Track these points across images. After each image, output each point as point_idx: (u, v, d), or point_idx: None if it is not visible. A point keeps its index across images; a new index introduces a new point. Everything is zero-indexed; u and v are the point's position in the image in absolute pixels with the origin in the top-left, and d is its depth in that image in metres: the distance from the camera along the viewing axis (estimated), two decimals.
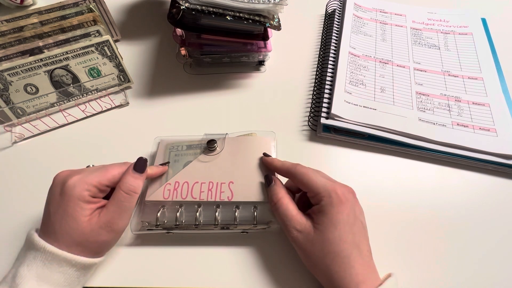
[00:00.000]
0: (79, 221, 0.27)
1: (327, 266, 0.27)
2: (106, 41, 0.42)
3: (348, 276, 0.26)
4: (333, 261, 0.26)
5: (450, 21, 0.56)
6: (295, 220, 0.29)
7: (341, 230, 0.27)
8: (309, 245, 0.28)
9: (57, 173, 0.29)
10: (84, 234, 0.27)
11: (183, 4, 0.37)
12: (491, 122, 0.41)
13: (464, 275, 0.32)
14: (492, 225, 0.35)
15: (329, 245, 0.27)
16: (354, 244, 0.27)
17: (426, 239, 0.34)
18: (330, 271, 0.26)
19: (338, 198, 0.28)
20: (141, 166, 0.31)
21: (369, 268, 0.27)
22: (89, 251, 0.28)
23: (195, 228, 0.32)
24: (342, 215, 0.27)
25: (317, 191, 0.28)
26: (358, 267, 0.26)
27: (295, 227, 0.29)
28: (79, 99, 0.44)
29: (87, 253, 0.28)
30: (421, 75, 0.47)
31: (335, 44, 0.50)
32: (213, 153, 0.36)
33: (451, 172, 0.39)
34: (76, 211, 0.27)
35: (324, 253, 0.27)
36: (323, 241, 0.27)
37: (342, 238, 0.27)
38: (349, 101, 0.43)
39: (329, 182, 0.29)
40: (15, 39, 0.41)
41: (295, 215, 0.29)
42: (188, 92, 0.46)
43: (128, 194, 0.29)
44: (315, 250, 0.27)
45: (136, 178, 0.30)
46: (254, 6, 0.39)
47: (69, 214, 0.27)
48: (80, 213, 0.27)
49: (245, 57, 0.48)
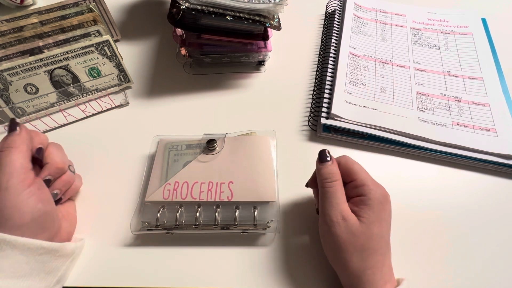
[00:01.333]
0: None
1: (363, 261, 0.26)
2: (106, 41, 0.42)
3: (379, 273, 0.26)
4: (370, 256, 0.27)
5: (450, 21, 0.56)
6: (344, 206, 0.28)
7: (383, 228, 0.28)
8: (350, 236, 0.27)
9: None
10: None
11: (183, 4, 0.37)
12: (491, 122, 0.41)
13: (464, 275, 0.32)
14: (492, 226, 0.35)
15: (371, 240, 0.27)
16: (388, 243, 0.28)
17: (426, 239, 0.34)
18: (364, 266, 0.26)
19: (384, 196, 0.28)
20: (12, 125, 0.30)
21: (391, 268, 0.28)
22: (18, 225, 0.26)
23: (195, 228, 0.32)
24: (385, 213, 0.28)
25: (365, 182, 0.28)
26: (387, 265, 0.28)
27: (342, 213, 0.27)
28: (79, 99, 0.44)
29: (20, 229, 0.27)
30: (421, 75, 0.47)
31: (335, 44, 0.50)
32: (213, 153, 0.36)
33: (451, 172, 0.39)
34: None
35: (365, 247, 0.27)
36: (367, 235, 0.27)
37: (383, 236, 0.28)
38: (349, 101, 0.43)
39: (373, 179, 0.29)
40: (15, 39, 0.41)
41: (344, 201, 0.28)
42: (188, 92, 0.46)
43: (2, 150, 0.28)
44: (355, 243, 0.27)
45: (9, 135, 0.29)
46: (254, 6, 0.39)
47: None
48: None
49: (245, 57, 0.48)
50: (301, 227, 0.34)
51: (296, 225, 0.34)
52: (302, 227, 0.34)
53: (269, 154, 0.36)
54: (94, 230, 0.34)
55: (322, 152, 0.31)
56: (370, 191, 0.28)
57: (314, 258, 0.32)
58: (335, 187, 0.29)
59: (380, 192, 0.28)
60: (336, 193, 0.28)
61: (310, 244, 0.33)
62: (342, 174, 0.30)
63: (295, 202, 0.36)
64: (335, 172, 0.29)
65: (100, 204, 0.36)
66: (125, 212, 0.35)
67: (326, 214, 0.28)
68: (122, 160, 0.39)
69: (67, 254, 0.30)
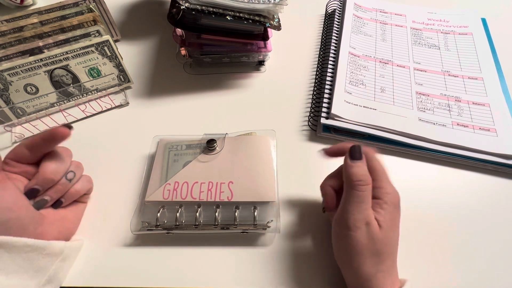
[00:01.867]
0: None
1: (376, 265, 0.26)
2: (106, 41, 0.42)
3: (389, 276, 0.26)
4: (384, 261, 0.26)
5: (450, 21, 0.56)
6: (370, 212, 0.27)
7: (396, 233, 0.28)
8: (369, 241, 0.26)
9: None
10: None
11: (183, 4, 0.37)
12: (491, 122, 0.41)
13: (465, 275, 0.32)
14: (492, 225, 0.35)
15: (388, 245, 0.27)
16: (396, 248, 0.28)
17: (426, 239, 0.34)
18: (376, 270, 0.26)
19: (398, 200, 0.28)
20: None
21: (397, 271, 0.28)
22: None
23: (195, 228, 0.32)
24: (399, 217, 0.28)
25: (384, 185, 0.28)
26: (396, 268, 0.28)
27: (366, 218, 0.26)
28: (79, 99, 0.44)
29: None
30: (421, 75, 0.47)
31: (335, 44, 0.50)
32: (213, 152, 0.36)
33: (451, 172, 0.39)
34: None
35: (380, 253, 0.26)
36: (385, 241, 0.26)
37: (396, 241, 0.28)
38: (349, 101, 0.43)
39: (390, 182, 0.29)
40: (15, 39, 0.41)
41: (370, 206, 0.27)
42: (188, 92, 0.46)
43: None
44: (372, 248, 0.26)
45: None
46: (254, 6, 0.39)
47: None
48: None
49: (245, 57, 0.48)
50: (301, 227, 0.34)
51: (296, 225, 0.34)
52: (302, 227, 0.34)
53: (269, 154, 0.36)
54: (94, 230, 0.34)
55: (355, 149, 0.28)
56: (387, 195, 0.27)
57: (315, 258, 0.32)
58: (367, 191, 0.27)
59: (395, 196, 0.28)
60: (366, 198, 0.27)
61: (310, 244, 0.33)
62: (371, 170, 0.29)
63: (295, 202, 0.36)
64: (367, 174, 0.28)
65: (100, 204, 0.36)
66: (125, 212, 0.35)
67: (350, 218, 0.26)
68: (122, 160, 0.39)
69: (54, 253, 0.29)
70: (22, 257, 0.27)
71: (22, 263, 0.27)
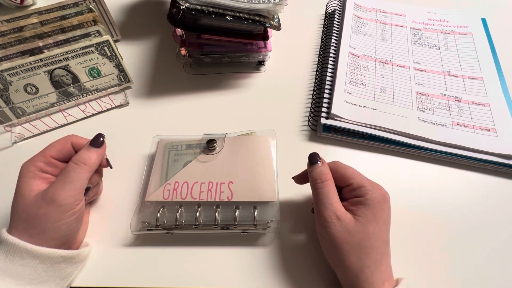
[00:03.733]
0: (25, 195, 0.27)
1: (360, 259, 0.27)
2: (106, 41, 0.42)
3: (378, 272, 0.27)
4: (368, 255, 0.27)
5: (450, 21, 0.56)
6: (337, 206, 0.28)
7: (381, 227, 0.28)
8: (346, 235, 0.27)
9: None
10: (27, 207, 0.27)
11: (183, 4, 0.37)
12: (491, 122, 0.41)
13: (464, 275, 0.32)
14: (492, 225, 0.35)
15: (368, 239, 0.27)
16: (386, 243, 0.28)
17: (426, 238, 0.34)
18: (362, 265, 0.26)
19: (382, 196, 0.29)
20: (97, 140, 0.31)
21: (390, 268, 0.28)
22: (47, 239, 0.27)
23: (195, 228, 0.32)
24: (384, 213, 0.28)
25: (362, 184, 0.29)
26: (386, 265, 0.28)
27: (335, 212, 0.28)
28: (79, 99, 0.44)
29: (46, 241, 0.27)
30: (421, 75, 0.47)
31: (335, 44, 0.50)
32: (213, 152, 0.36)
33: (451, 172, 0.39)
34: (23, 188, 0.27)
35: (361, 246, 0.27)
36: (363, 234, 0.27)
37: (380, 235, 0.28)
38: (349, 101, 0.43)
39: (370, 180, 0.30)
40: (15, 39, 0.41)
41: (337, 201, 0.29)
42: (188, 92, 0.46)
43: (76, 164, 0.28)
44: (351, 241, 0.27)
45: (89, 151, 0.30)
46: (254, 6, 0.39)
47: (18, 192, 0.27)
48: (27, 188, 0.27)
49: (245, 57, 0.48)
50: (301, 227, 0.34)
51: (296, 225, 0.34)
52: (302, 227, 0.34)
53: (269, 154, 0.36)
54: (94, 230, 0.34)
55: (312, 155, 0.31)
56: (367, 192, 0.28)
57: (314, 258, 0.32)
58: (327, 187, 0.29)
59: (378, 192, 0.28)
60: (328, 193, 0.29)
61: (310, 244, 0.33)
62: (336, 179, 0.30)
63: (295, 202, 0.36)
64: (325, 173, 0.30)
65: (100, 204, 0.36)
66: (125, 212, 0.35)
67: (320, 215, 0.28)
68: (122, 160, 0.39)
69: (81, 260, 0.30)
70: (54, 268, 0.28)
71: (53, 273, 0.28)
